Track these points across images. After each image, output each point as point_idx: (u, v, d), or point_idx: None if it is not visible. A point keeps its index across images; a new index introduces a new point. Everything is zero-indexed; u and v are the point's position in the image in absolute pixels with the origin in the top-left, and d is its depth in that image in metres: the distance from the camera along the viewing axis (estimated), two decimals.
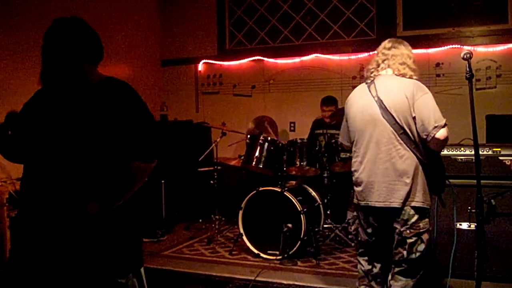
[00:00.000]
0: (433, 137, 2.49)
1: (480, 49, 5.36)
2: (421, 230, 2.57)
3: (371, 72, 2.76)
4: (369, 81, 2.74)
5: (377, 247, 2.77)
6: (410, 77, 2.64)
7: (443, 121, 2.51)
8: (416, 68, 2.70)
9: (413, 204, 2.55)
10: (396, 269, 2.63)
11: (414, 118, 2.54)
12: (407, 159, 2.54)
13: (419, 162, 2.56)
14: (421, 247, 2.56)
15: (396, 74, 2.66)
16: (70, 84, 1.91)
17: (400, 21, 5.80)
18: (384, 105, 2.59)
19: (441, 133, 2.50)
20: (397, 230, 2.60)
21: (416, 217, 2.56)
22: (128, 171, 1.89)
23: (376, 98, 2.62)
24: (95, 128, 1.84)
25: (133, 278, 1.94)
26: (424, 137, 2.53)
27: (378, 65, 2.73)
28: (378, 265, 2.79)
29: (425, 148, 2.58)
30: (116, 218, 1.86)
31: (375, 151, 2.63)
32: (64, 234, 1.81)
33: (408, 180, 2.53)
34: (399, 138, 2.55)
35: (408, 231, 2.56)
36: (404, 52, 2.70)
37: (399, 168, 2.55)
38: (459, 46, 5.42)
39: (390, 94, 2.60)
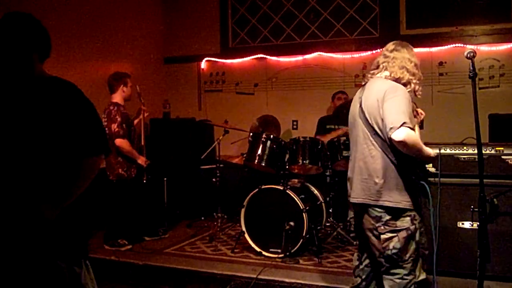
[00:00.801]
0: (390, 138, 2.43)
1: (484, 48, 5.35)
2: (397, 228, 2.56)
3: (370, 73, 2.79)
4: (363, 83, 2.81)
5: (364, 242, 2.81)
6: (408, 81, 2.62)
7: (400, 123, 2.38)
8: (416, 72, 2.65)
9: (385, 204, 2.55)
10: (383, 268, 2.65)
11: (382, 120, 2.53)
12: (378, 159, 2.58)
13: (391, 163, 2.55)
14: (397, 245, 2.54)
15: (392, 78, 2.64)
16: (18, 78, 1.90)
17: (403, 20, 5.79)
18: (362, 106, 2.66)
19: (396, 135, 2.39)
20: (371, 226, 2.64)
21: (389, 215, 2.56)
22: (76, 167, 1.89)
23: (359, 100, 2.70)
24: (42, 122, 1.83)
25: (83, 266, 1.95)
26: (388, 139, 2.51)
27: (378, 66, 2.75)
28: (366, 261, 2.84)
29: (396, 150, 2.51)
30: (64, 214, 1.87)
31: (355, 150, 2.74)
32: (14, 232, 1.81)
33: (378, 180, 2.56)
34: (371, 139, 2.59)
35: (382, 227, 2.58)
36: (405, 56, 2.67)
37: (370, 167, 2.61)
38: (462, 45, 5.41)
39: (368, 96, 2.64)
